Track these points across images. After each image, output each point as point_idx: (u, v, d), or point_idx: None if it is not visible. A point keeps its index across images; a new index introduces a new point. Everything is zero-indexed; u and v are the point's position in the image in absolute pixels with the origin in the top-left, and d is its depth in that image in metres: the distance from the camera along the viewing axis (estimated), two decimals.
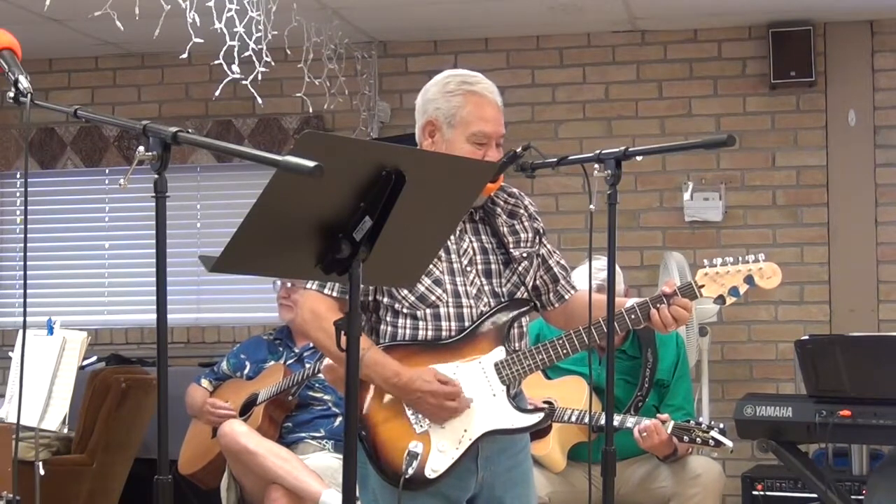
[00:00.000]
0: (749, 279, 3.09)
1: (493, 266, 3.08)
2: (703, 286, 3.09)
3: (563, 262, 3.25)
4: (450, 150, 2.96)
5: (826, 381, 4.43)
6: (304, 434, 4.88)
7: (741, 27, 6.24)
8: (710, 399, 5.69)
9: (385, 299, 3.00)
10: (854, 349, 4.48)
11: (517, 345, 3.07)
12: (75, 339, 4.36)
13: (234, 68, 4.34)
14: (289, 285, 5.01)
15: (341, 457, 2.24)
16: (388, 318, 3.01)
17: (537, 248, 3.17)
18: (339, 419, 4.86)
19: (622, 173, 2.87)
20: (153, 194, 2.17)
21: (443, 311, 3.00)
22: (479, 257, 3.07)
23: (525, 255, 3.12)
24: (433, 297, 2.99)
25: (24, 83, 2.39)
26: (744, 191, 6.23)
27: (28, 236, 6.47)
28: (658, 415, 4.36)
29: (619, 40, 6.36)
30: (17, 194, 6.96)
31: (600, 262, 3.65)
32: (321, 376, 4.56)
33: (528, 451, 3.20)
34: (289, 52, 5.25)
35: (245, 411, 4.93)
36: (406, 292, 2.98)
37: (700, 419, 4.47)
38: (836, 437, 4.61)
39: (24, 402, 4.16)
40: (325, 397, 4.91)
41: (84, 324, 5.83)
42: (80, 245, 6.86)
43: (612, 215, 2.86)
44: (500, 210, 3.14)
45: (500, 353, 3.03)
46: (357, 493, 2.36)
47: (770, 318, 6.17)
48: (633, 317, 3.05)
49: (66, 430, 4.39)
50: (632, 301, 3.09)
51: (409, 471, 2.90)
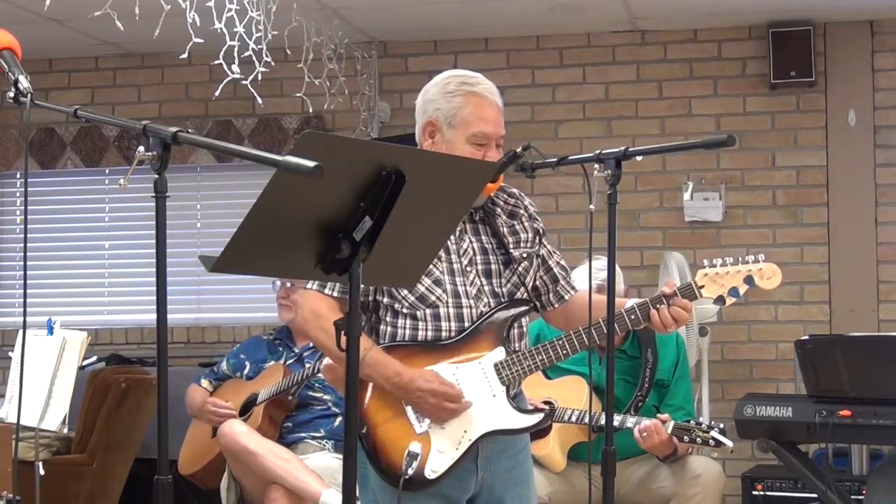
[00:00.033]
0: (749, 280, 3.09)
1: (493, 266, 3.08)
2: (702, 287, 3.09)
3: (562, 262, 3.25)
4: (450, 150, 2.95)
5: (826, 381, 4.43)
6: (304, 434, 4.88)
7: (741, 27, 6.23)
8: (710, 399, 5.69)
9: (385, 299, 3.00)
10: (854, 349, 4.48)
11: (517, 345, 3.07)
12: (75, 339, 4.36)
13: (234, 68, 4.34)
14: (288, 285, 5.01)
15: (341, 457, 2.24)
16: (387, 319, 3.01)
17: (537, 248, 3.17)
18: (339, 419, 4.85)
19: (622, 173, 2.87)
20: (153, 194, 2.17)
21: (443, 311, 3.00)
22: (479, 257, 3.07)
23: (525, 255, 3.12)
24: (433, 298, 2.99)
25: (24, 83, 2.39)
26: (744, 191, 6.23)
27: (28, 236, 6.47)
28: (658, 415, 4.36)
29: (619, 40, 6.35)
30: (17, 194, 6.96)
31: (600, 263, 3.65)
32: (321, 376, 4.56)
33: (528, 452, 3.20)
34: (289, 52, 5.25)
35: (245, 411, 4.93)
36: (406, 292, 2.98)
37: (700, 419, 4.47)
38: (836, 437, 4.61)
39: (24, 402, 4.16)
40: (325, 397, 4.91)
41: (84, 324, 5.83)
42: (80, 245, 6.86)
43: (612, 215, 2.86)
44: (500, 210, 3.14)
45: (499, 353, 3.03)
46: (357, 493, 2.36)
47: (770, 318, 6.16)
48: (632, 317, 3.05)
49: (66, 430, 4.39)
50: (632, 301, 3.09)
51: (409, 471, 2.90)
